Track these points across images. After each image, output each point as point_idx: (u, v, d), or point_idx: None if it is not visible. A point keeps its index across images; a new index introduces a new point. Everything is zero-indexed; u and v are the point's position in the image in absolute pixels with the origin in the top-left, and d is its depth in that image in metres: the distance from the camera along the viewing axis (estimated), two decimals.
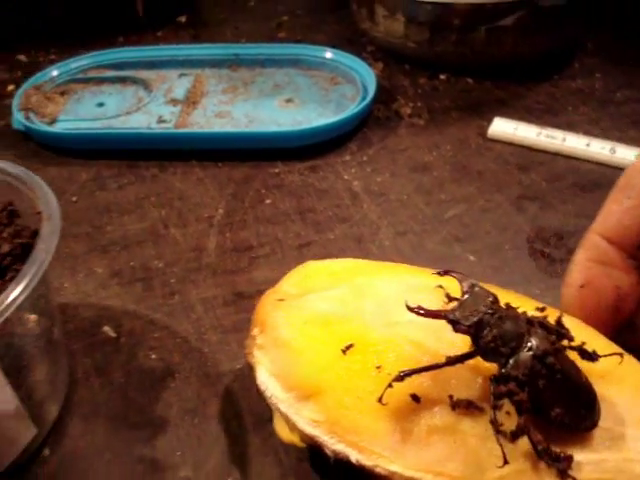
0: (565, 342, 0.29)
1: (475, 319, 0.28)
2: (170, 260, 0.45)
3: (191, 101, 0.59)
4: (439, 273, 0.31)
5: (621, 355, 0.30)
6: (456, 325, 0.28)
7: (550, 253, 0.45)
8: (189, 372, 0.38)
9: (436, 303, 0.30)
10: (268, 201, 0.50)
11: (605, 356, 0.29)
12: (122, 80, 0.64)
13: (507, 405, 0.28)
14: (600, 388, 0.29)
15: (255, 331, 0.33)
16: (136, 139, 0.55)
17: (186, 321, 0.41)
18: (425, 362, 0.29)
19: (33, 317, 0.31)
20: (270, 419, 0.34)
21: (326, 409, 0.29)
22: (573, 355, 0.29)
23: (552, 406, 0.28)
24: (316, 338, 0.31)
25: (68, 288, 0.43)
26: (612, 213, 0.33)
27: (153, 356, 0.39)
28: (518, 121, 0.56)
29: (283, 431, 0.31)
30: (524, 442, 0.28)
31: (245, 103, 0.59)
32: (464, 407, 0.29)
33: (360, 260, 0.37)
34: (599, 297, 0.33)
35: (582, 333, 0.30)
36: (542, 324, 0.29)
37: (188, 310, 0.41)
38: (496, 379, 0.28)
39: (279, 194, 0.50)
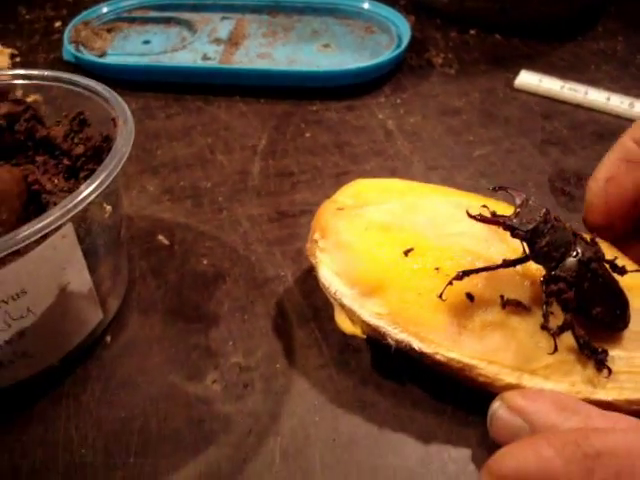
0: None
1: (531, 226, 0.31)
2: (217, 181, 0.48)
3: (234, 42, 0.63)
4: (494, 188, 0.34)
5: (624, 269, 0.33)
6: (514, 230, 0.31)
7: (570, 191, 0.48)
8: (238, 276, 0.41)
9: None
10: (307, 134, 0.53)
11: (632, 271, 0.33)
12: (166, 20, 0.67)
13: (552, 307, 0.32)
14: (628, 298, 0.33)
15: (316, 235, 0.36)
16: (182, 73, 0.58)
17: (234, 234, 0.44)
18: (480, 265, 0.33)
19: (108, 208, 0.35)
20: (313, 317, 0.38)
21: (389, 303, 0.33)
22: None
23: (594, 305, 0.32)
24: (377, 241, 0.35)
25: (124, 202, 0.47)
26: None
27: (205, 262, 0.42)
28: (543, 74, 0.59)
29: (345, 323, 0.34)
30: (567, 338, 0.32)
31: (285, 47, 0.62)
32: (514, 306, 0.33)
33: (407, 181, 0.40)
34: (621, 190, 0.36)
35: (611, 252, 0.34)
36: (583, 238, 0.33)
37: (235, 224, 0.45)
38: (547, 280, 0.32)
39: (318, 129, 0.53)
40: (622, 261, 0.34)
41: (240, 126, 0.54)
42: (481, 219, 0.32)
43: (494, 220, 0.32)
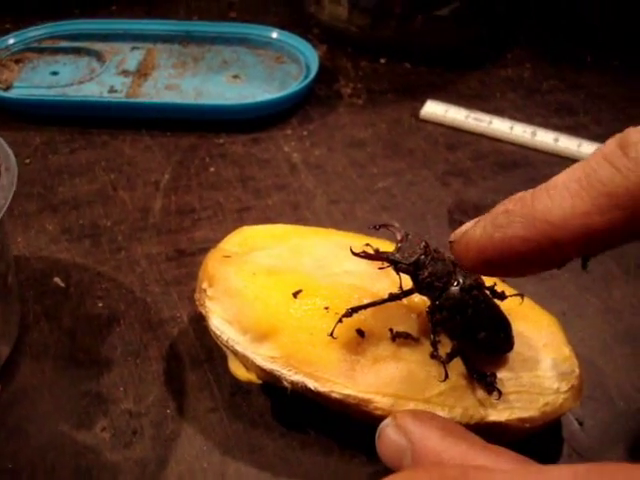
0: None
1: (413, 259, 0.33)
2: (117, 219, 0.48)
3: (142, 73, 0.62)
4: (375, 227, 0.35)
5: (521, 296, 0.35)
6: (397, 264, 0.33)
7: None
8: (133, 319, 0.41)
9: (361, 260, 0.34)
10: (212, 169, 0.53)
11: (511, 296, 0.35)
12: (76, 51, 0.66)
13: (439, 336, 0.33)
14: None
15: (204, 285, 0.36)
16: (88, 107, 0.58)
17: (131, 274, 0.44)
18: (367, 301, 0.34)
19: None
20: (206, 359, 0.38)
21: (282, 346, 0.34)
22: None
23: (478, 330, 0.33)
24: (266, 286, 0.35)
25: (21, 242, 0.46)
26: (584, 215, 0.26)
27: (100, 304, 0.42)
28: (449, 104, 0.60)
29: (239, 370, 0.35)
30: (457, 364, 0.33)
31: (194, 78, 0.62)
32: (403, 338, 0.34)
33: (293, 225, 0.41)
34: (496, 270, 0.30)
35: (489, 279, 0.35)
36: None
37: (133, 264, 0.45)
38: (432, 310, 0.33)
39: (222, 163, 0.54)
40: (501, 286, 0.35)
41: (144, 161, 0.53)
42: (365, 256, 0.33)
43: (377, 256, 0.33)
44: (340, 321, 0.33)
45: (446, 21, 0.66)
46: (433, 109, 0.60)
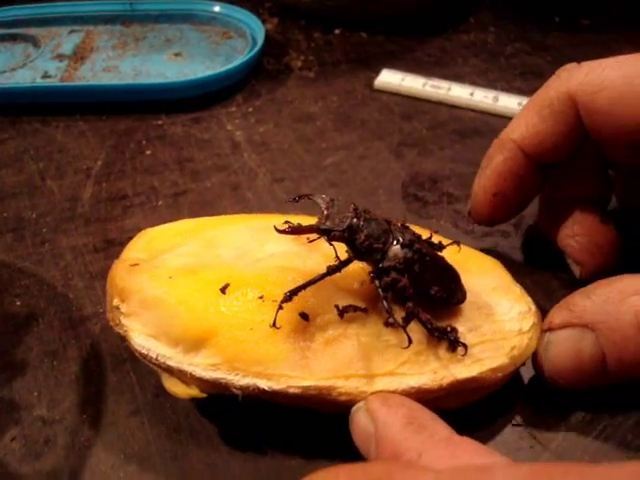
0: None
1: (346, 224, 0.29)
2: (44, 211, 0.45)
3: (79, 57, 0.59)
4: (294, 199, 0.31)
5: (458, 243, 0.34)
6: (330, 233, 0.29)
7: (424, 196, 0.45)
8: (53, 317, 0.38)
9: (282, 238, 0.31)
10: (148, 152, 0.49)
11: (449, 244, 0.33)
12: (12, 37, 0.63)
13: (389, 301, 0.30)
14: None
15: (115, 301, 0.32)
16: (18, 94, 0.54)
17: (54, 268, 0.41)
18: (304, 281, 0.30)
19: None
20: (129, 358, 0.35)
21: (221, 350, 0.30)
22: None
23: (430, 285, 0.31)
24: (187, 287, 0.32)
25: None
26: (534, 126, 0.36)
27: (18, 302, 0.39)
28: (406, 72, 0.57)
29: (177, 388, 0.31)
30: (414, 328, 0.30)
31: (134, 58, 0.59)
32: (351, 312, 0.30)
33: (199, 218, 0.37)
34: (508, 204, 0.38)
35: (421, 231, 0.33)
36: (395, 223, 0.32)
37: (57, 258, 0.41)
38: (377, 275, 0.30)
39: (160, 145, 0.50)
40: (436, 237, 0.33)
41: (76, 147, 0.50)
42: (292, 231, 0.30)
43: (305, 229, 0.30)
44: (280, 308, 0.29)
45: None
46: (388, 78, 0.56)
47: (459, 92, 0.55)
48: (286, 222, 0.31)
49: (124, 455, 0.31)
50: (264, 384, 0.29)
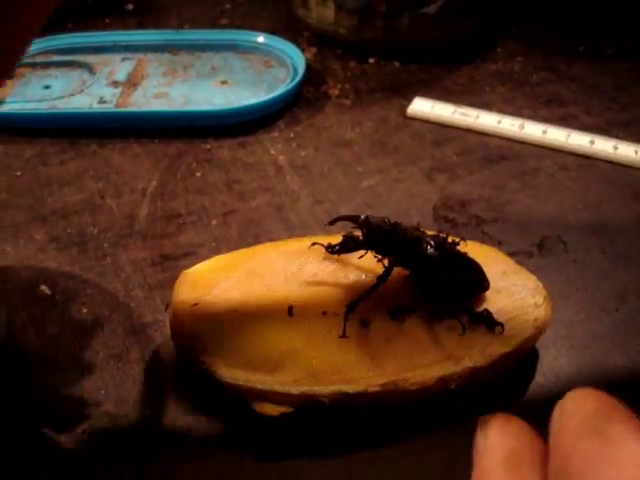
0: None
1: (389, 236, 0.34)
2: (104, 227, 0.49)
3: (132, 83, 0.63)
4: (330, 223, 0.35)
5: (464, 239, 0.38)
6: (378, 245, 0.35)
7: (453, 218, 0.49)
8: (116, 324, 0.42)
9: (315, 259, 0.37)
10: (198, 174, 0.53)
11: (459, 241, 0.38)
12: (69, 64, 0.67)
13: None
14: None
15: (187, 342, 0.35)
16: (78, 118, 0.58)
17: (116, 280, 0.44)
18: (357, 293, 0.34)
19: None
20: (186, 362, 0.39)
21: (302, 366, 0.34)
22: None
23: (462, 279, 0.36)
24: (253, 316, 0.35)
25: (9, 252, 0.47)
26: None
27: (84, 310, 0.43)
28: (436, 100, 0.60)
29: (267, 408, 0.34)
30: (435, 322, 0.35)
31: (183, 85, 0.63)
32: (401, 312, 0.35)
33: (231, 253, 0.41)
34: None
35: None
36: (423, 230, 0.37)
37: (118, 270, 0.45)
38: (420, 275, 0.35)
39: (209, 167, 0.54)
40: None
41: (132, 168, 0.54)
42: (342, 250, 0.34)
43: (355, 246, 0.34)
44: (346, 319, 0.34)
45: (433, 18, 0.66)
46: (420, 106, 0.60)
47: (487, 120, 0.58)
48: (313, 244, 0.36)
49: (187, 449, 0.35)
50: (347, 388, 0.33)
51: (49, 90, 0.63)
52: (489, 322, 0.35)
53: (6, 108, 0.60)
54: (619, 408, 0.22)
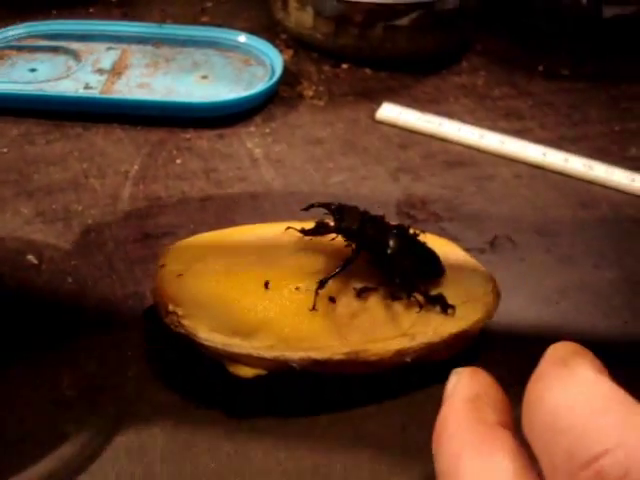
0: None
1: (358, 223, 0.39)
2: (88, 205, 0.52)
3: (116, 72, 0.66)
4: (306, 208, 0.39)
5: (423, 231, 0.42)
6: (348, 231, 0.39)
7: (414, 214, 0.53)
8: (99, 293, 0.45)
9: (290, 240, 0.41)
10: (178, 161, 0.57)
11: (420, 232, 0.42)
12: (54, 49, 0.70)
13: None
14: None
15: (171, 307, 0.38)
16: (64, 102, 0.61)
17: (99, 254, 0.48)
18: (328, 272, 0.38)
19: None
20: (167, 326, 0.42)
21: (275, 333, 0.37)
22: None
23: (423, 265, 0.40)
24: (234, 287, 0.39)
25: None
26: None
27: (69, 280, 0.46)
28: (403, 107, 0.65)
29: (242, 370, 0.37)
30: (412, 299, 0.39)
31: (165, 77, 0.66)
32: (365, 292, 0.39)
33: (215, 231, 0.45)
34: None
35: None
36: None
37: (101, 245, 0.48)
38: (386, 259, 0.39)
39: (188, 156, 0.57)
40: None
41: (115, 152, 0.57)
42: (316, 232, 0.40)
43: (329, 229, 0.39)
44: (317, 294, 0.38)
45: (405, 30, 0.70)
46: (388, 111, 0.64)
47: (449, 127, 0.63)
48: (288, 228, 0.41)
49: (162, 405, 0.38)
50: (315, 355, 0.37)
51: (35, 73, 0.66)
52: (443, 304, 0.39)
53: None
54: (589, 353, 0.26)
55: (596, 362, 0.25)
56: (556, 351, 0.26)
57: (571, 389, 0.24)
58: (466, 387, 0.29)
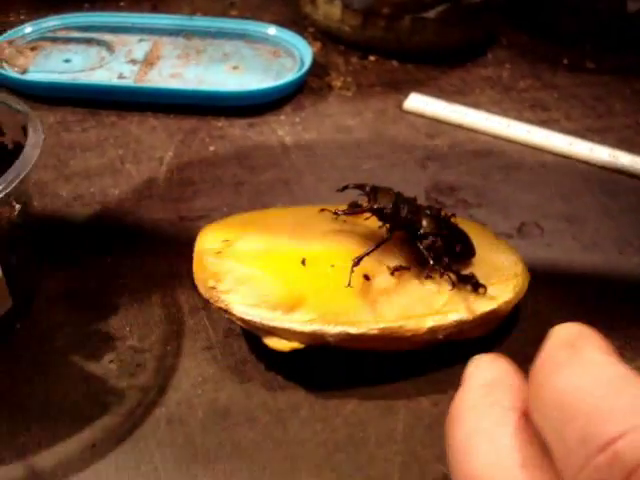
0: None
1: (392, 203, 0.40)
2: (125, 189, 0.53)
3: (149, 62, 0.68)
4: (340, 190, 0.41)
5: (454, 215, 0.44)
6: (382, 211, 0.39)
7: (443, 201, 0.54)
8: (138, 272, 0.46)
9: (324, 220, 0.43)
10: (211, 148, 0.58)
11: (452, 215, 0.43)
12: (87, 41, 0.71)
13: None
14: None
15: (211, 283, 0.40)
16: (99, 90, 0.63)
17: (137, 235, 0.49)
18: (363, 250, 0.39)
19: (18, 206, 0.39)
20: (203, 307, 0.43)
21: (313, 308, 0.38)
22: None
23: (455, 245, 0.41)
24: (272, 265, 0.40)
25: (37, 206, 0.51)
26: None
27: (109, 260, 0.47)
28: (431, 97, 0.66)
29: (279, 344, 0.38)
30: (445, 278, 0.40)
31: (196, 67, 0.67)
32: (398, 270, 0.40)
33: (249, 213, 0.46)
34: None
35: None
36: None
37: (139, 227, 0.50)
38: (419, 239, 0.40)
39: (221, 143, 0.59)
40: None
41: (149, 139, 0.58)
42: (351, 212, 0.40)
43: (364, 209, 0.40)
44: (352, 271, 0.38)
45: (432, 23, 0.71)
46: (415, 101, 0.65)
47: (476, 117, 0.64)
48: (322, 209, 0.43)
49: (201, 378, 0.40)
50: (351, 329, 0.38)
51: (70, 64, 0.68)
52: (474, 284, 0.40)
53: (29, 76, 0.65)
54: (596, 334, 0.25)
55: (603, 343, 0.25)
56: (561, 332, 0.26)
57: (580, 371, 0.23)
58: (484, 371, 0.29)
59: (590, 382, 0.23)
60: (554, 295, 0.46)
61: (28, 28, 0.71)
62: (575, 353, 0.24)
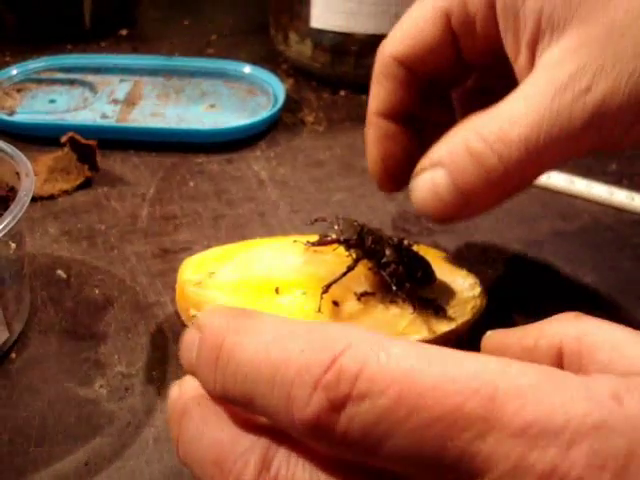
0: None
1: (357, 234, 0.43)
2: (110, 224, 0.56)
3: (130, 102, 0.71)
4: (311, 222, 0.44)
5: (416, 243, 0.47)
6: (348, 242, 0.43)
7: (409, 229, 0.58)
8: (124, 302, 0.49)
9: (296, 251, 0.46)
10: (191, 184, 0.62)
11: (413, 243, 0.46)
12: (71, 82, 0.75)
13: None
14: None
15: (192, 312, 0.44)
16: (84, 130, 0.66)
17: (122, 268, 0.52)
18: (326, 280, 0.43)
19: (13, 245, 0.43)
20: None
21: None
22: None
23: (416, 271, 0.44)
24: (250, 293, 0.44)
25: (28, 242, 0.54)
26: (379, 95, 0.47)
27: (96, 291, 0.50)
28: None
29: None
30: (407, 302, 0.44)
31: (176, 107, 0.71)
32: (364, 295, 0.44)
33: (228, 245, 0.50)
34: (396, 162, 0.46)
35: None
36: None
37: (124, 260, 0.53)
38: (382, 267, 0.43)
39: (200, 179, 0.62)
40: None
41: (132, 177, 0.62)
42: (320, 244, 0.43)
43: (331, 241, 0.44)
44: (322, 298, 0.42)
45: None
46: None
47: None
48: (294, 241, 0.46)
49: None
50: None
51: (55, 104, 0.71)
52: (435, 307, 0.44)
53: (17, 118, 0.68)
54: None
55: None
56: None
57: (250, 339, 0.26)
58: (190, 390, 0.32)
59: (268, 339, 0.25)
60: (509, 313, 0.50)
61: (14, 70, 0.74)
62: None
